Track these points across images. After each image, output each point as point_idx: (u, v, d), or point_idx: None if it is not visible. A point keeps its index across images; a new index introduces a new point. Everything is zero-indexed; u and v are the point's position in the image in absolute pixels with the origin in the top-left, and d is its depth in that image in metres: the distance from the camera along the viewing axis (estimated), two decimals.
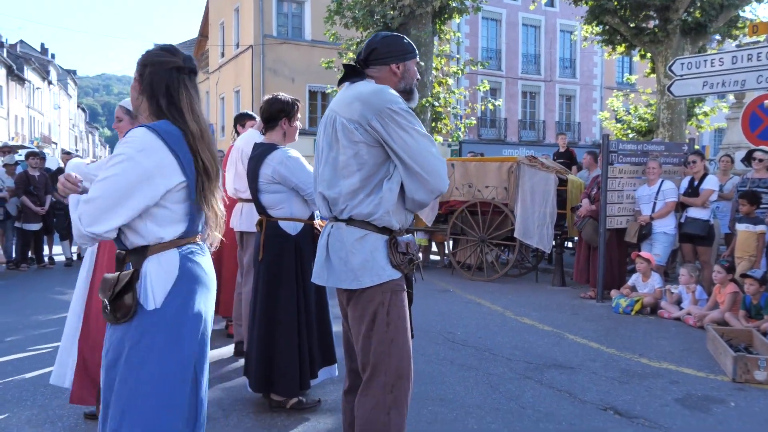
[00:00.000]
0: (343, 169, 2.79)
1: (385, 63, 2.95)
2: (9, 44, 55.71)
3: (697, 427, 4.32)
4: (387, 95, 2.78)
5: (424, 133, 2.78)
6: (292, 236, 4.32)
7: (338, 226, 2.85)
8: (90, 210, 2.25)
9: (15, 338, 6.43)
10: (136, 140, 2.32)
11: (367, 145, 2.76)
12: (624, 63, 36.87)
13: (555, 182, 9.67)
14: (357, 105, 2.77)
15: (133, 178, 2.27)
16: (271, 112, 4.43)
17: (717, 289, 7.39)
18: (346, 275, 2.80)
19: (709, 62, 9.89)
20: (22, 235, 11.47)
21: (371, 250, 2.79)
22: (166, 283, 2.38)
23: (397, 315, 2.84)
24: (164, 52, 2.49)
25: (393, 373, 2.79)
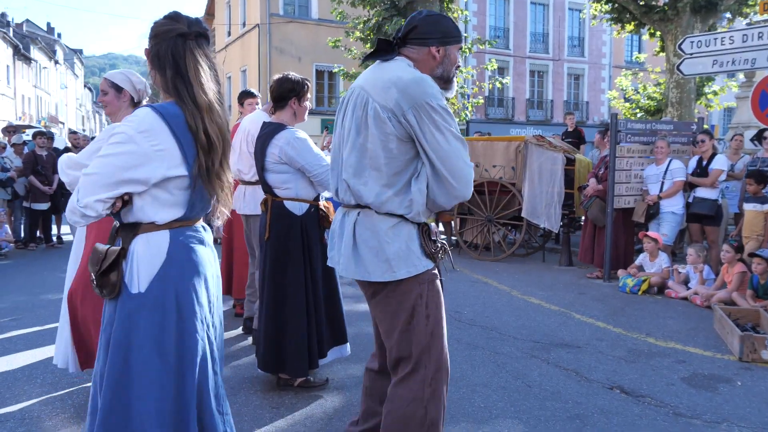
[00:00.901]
0: (371, 159, 2.63)
1: (424, 44, 2.74)
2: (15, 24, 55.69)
3: (703, 406, 4.33)
4: (428, 88, 2.59)
5: (458, 137, 2.62)
6: (298, 216, 4.31)
7: (367, 213, 2.69)
8: (86, 184, 2.20)
9: (25, 317, 6.48)
10: (139, 120, 2.24)
11: (398, 139, 2.60)
12: (633, 41, 36.58)
13: (563, 162, 9.64)
14: (394, 92, 2.57)
15: (129, 159, 2.20)
16: (281, 91, 4.38)
17: (725, 269, 7.37)
18: (377, 267, 2.65)
19: (719, 40, 9.79)
20: (30, 215, 11.52)
21: (406, 240, 2.66)
22: (151, 266, 2.30)
23: (435, 306, 2.74)
24: (167, 20, 2.37)
25: (433, 367, 2.71)
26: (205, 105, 2.32)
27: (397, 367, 2.77)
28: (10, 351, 5.37)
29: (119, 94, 3.93)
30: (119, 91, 3.92)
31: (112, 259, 2.30)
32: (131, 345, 2.27)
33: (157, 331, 2.28)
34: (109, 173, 2.19)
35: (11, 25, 52.61)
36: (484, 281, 8.63)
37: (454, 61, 2.83)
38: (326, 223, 4.36)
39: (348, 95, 2.82)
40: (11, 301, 7.23)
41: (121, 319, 2.29)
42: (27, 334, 5.88)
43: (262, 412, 4.10)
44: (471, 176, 2.65)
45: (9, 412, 4.09)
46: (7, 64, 46.61)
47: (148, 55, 2.36)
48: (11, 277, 8.68)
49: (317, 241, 4.36)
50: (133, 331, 2.27)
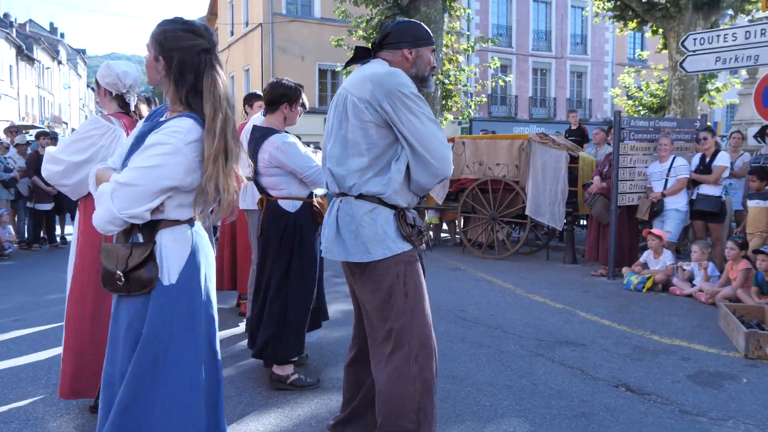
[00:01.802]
0: (353, 147, 2.83)
1: (397, 47, 2.98)
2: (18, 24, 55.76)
3: (709, 403, 4.32)
4: (399, 78, 2.81)
5: (432, 118, 2.83)
6: (291, 213, 4.43)
7: (347, 200, 2.87)
8: (128, 194, 2.24)
9: (29, 317, 6.48)
10: (186, 132, 2.31)
11: (376, 125, 2.80)
12: (636, 39, 36.53)
13: (566, 159, 9.62)
14: (369, 85, 2.79)
15: (176, 171, 2.28)
16: (273, 96, 4.50)
17: (729, 266, 7.36)
18: (356, 248, 2.83)
19: (722, 37, 9.76)
20: (33, 215, 11.53)
21: (382, 224, 2.83)
22: (180, 258, 2.39)
23: (414, 284, 2.87)
24: (189, 34, 2.41)
25: (416, 343, 2.82)
26: (210, 116, 2.35)
27: (381, 347, 2.89)
28: (14, 351, 5.37)
29: (98, 89, 3.95)
30: (98, 86, 3.94)
31: (144, 257, 2.34)
32: (168, 336, 2.34)
33: (190, 321, 2.39)
34: (156, 185, 2.26)
35: (14, 25, 52.66)
36: (489, 279, 8.62)
37: (427, 61, 3.04)
38: (320, 219, 4.44)
39: (334, 98, 3.05)
40: (15, 301, 7.23)
41: (155, 313, 2.34)
42: (31, 335, 5.88)
43: (266, 412, 4.09)
44: (449, 155, 2.86)
45: (13, 412, 4.08)
46: (10, 64, 46.66)
47: (166, 65, 2.39)
48: (15, 278, 8.69)
49: (311, 236, 4.46)
50: (169, 322, 2.35)
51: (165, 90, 2.47)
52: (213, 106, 2.36)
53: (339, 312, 6.51)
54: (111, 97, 3.90)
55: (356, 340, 3.27)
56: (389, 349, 2.85)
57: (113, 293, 2.42)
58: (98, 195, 2.30)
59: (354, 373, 3.27)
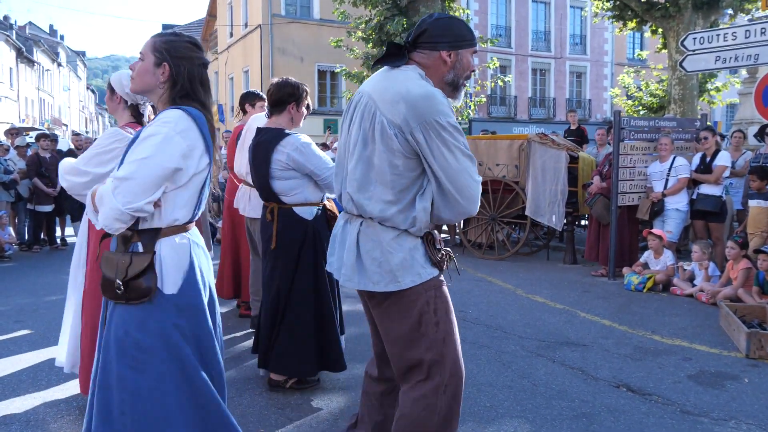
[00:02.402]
0: (377, 175, 2.57)
1: (434, 48, 2.63)
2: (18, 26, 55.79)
3: (710, 403, 4.31)
4: (438, 105, 2.50)
5: (468, 154, 2.55)
6: (309, 221, 4.28)
7: (370, 224, 2.62)
8: (129, 188, 2.26)
9: (29, 319, 6.48)
10: (175, 121, 2.37)
11: (404, 156, 2.52)
12: (635, 39, 36.55)
13: (566, 159, 9.62)
14: (402, 107, 2.49)
15: (171, 158, 2.33)
16: (280, 95, 4.33)
17: (730, 266, 7.35)
18: (381, 277, 2.60)
19: (721, 37, 9.76)
20: (34, 217, 11.52)
21: (410, 249, 2.61)
22: (179, 268, 2.42)
23: (445, 311, 2.70)
24: (193, 47, 2.54)
25: (447, 374, 2.64)
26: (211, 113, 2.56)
27: (409, 376, 2.70)
28: (15, 353, 5.37)
29: (113, 96, 3.93)
30: (113, 93, 3.92)
31: (144, 266, 2.35)
32: (167, 345, 2.37)
33: (190, 330, 2.42)
34: (155, 174, 2.30)
35: (14, 27, 52.67)
36: (489, 280, 8.62)
37: (467, 66, 2.71)
38: (333, 223, 4.30)
39: (355, 101, 2.74)
40: (15, 303, 7.23)
41: (155, 322, 2.37)
42: (31, 336, 5.87)
43: (267, 413, 4.09)
44: (478, 192, 2.59)
45: (14, 414, 4.08)
46: (10, 66, 46.67)
47: (170, 70, 2.48)
48: (15, 279, 8.68)
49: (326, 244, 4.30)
50: (169, 331, 2.37)
51: (155, 96, 2.54)
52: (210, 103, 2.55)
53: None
54: (125, 106, 3.91)
55: (379, 359, 3.03)
56: (420, 378, 2.66)
57: (111, 300, 2.43)
58: (98, 197, 2.31)
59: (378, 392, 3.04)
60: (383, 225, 2.60)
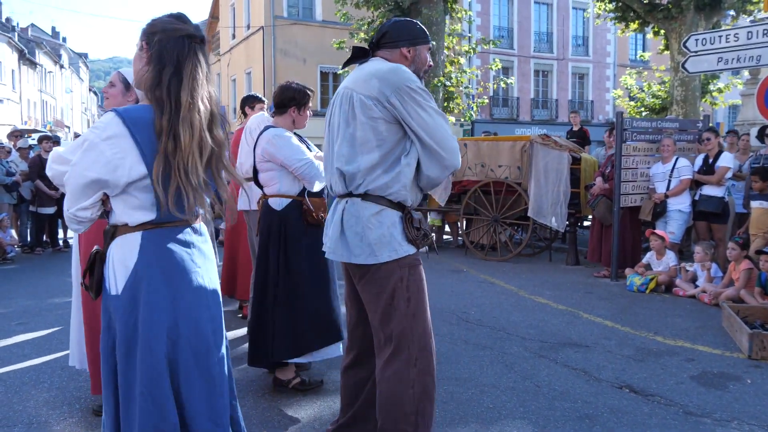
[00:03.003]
0: (362, 145, 2.84)
1: (395, 46, 3.01)
2: (20, 28, 55.86)
3: (713, 404, 4.31)
4: (404, 73, 2.84)
5: (439, 112, 2.86)
6: (277, 211, 4.36)
7: (353, 201, 2.88)
8: (67, 194, 2.27)
9: (32, 321, 6.49)
10: (103, 127, 2.23)
11: (386, 121, 2.81)
12: (637, 40, 36.53)
13: (568, 161, 9.62)
14: (375, 82, 2.81)
15: (95, 167, 2.20)
16: (282, 98, 4.47)
17: (732, 267, 7.34)
18: (362, 250, 2.83)
19: (723, 38, 9.75)
20: (36, 219, 11.55)
21: (388, 226, 2.84)
22: (125, 267, 2.28)
23: (417, 288, 2.89)
24: (174, 19, 2.34)
25: (416, 347, 2.85)
26: (186, 103, 2.25)
27: (382, 348, 2.90)
28: (18, 355, 5.37)
29: (126, 92, 3.87)
30: (128, 89, 3.87)
31: (91, 261, 2.36)
32: (114, 345, 2.32)
33: (130, 333, 2.26)
34: (80, 182, 2.23)
35: (16, 29, 52.74)
36: (491, 281, 8.61)
37: (424, 60, 3.08)
38: (310, 218, 4.30)
39: (334, 97, 3.06)
40: (18, 305, 7.24)
41: (105, 321, 2.36)
42: (34, 339, 5.88)
43: (270, 415, 4.09)
44: (457, 146, 2.88)
45: (17, 416, 4.08)
46: (12, 68, 46.74)
47: (147, 49, 2.30)
48: (18, 282, 8.69)
49: (298, 236, 4.30)
50: (114, 332, 2.31)
51: (139, 81, 2.36)
52: (191, 93, 2.26)
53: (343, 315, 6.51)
54: (135, 103, 3.91)
55: (353, 342, 3.26)
56: (389, 351, 2.87)
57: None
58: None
59: (353, 377, 3.26)
60: (366, 200, 2.85)
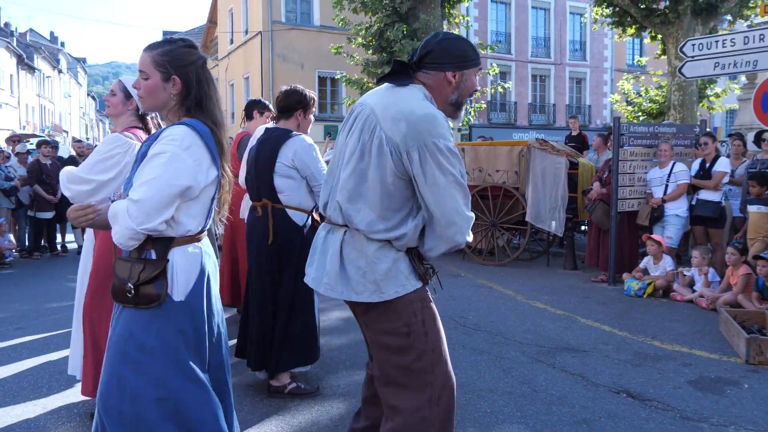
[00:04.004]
0: (369, 189, 2.54)
1: (439, 68, 2.62)
2: (19, 33, 55.86)
3: (710, 409, 4.32)
4: (439, 128, 2.47)
5: (461, 183, 2.51)
6: (300, 227, 4.32)
7: (355, 233, 2.59)
8: (142, 209, 2.30)
9: (30, 325, 6.48)
10: (181, 138, 2.39)
11: (396, 175, 2.50)
12: (634, 45, 36.58)
13: (566, 166, 9.63)
14: (403, 126, 2.47)
15: (182, 176, 2.36)
16: (288, 102, 4.42)
17: (730, 271, 7.36)
18: (365, 287, 2.55)
19: (720, 43, 9.79)
20: (34, 224, 11.53)
21: (394, 260, 2.57)
22: (190, 276, 2.47)
23: (433, 322, 2.65)
24: (191, 49, 2.57)
25: (439, 384, 2.62)
26: (220, 121, 2.58)
27: (395, 386, 2.65)
28: (15, 359, 5.37)
29: (127, 101, 3.90)
30: (128, 98, 3.89)
31: (156, 273, 2.40)
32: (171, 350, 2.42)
33: (193, 338, 2.47)
34: (169, 192, 2.34)
35: (15, 34, 52.76)
36: (489, 286, 8.62)
37: (471, 86, 2.70)
38: None
39: (356, 112, 2.70)
40: (16, 309, 7.23)
41: (160, 328, 2.41)
42: (32, 342, 5.88)
43: (268, 420, 4.09)
44: (465, 223, 2.53)
45: (15, 420, 4.08)
46: (11, 73, 46.74)
47: (182, 81, 2.51)
48: (16, 286, 8.69)
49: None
50: (174, 338, 2.42)
51: (165, 109, 2.57)
52: (219, 109, 2.60)
53: (339, 319, 6.52)
54: (136, 112, 3.92)
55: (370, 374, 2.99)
56: (409, 391, 2.61)
57: (120, 304, 2.48)
58: (112, 213, 2.36)
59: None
60: (368, 237, 2.56)
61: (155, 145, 2.40)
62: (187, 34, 45.58)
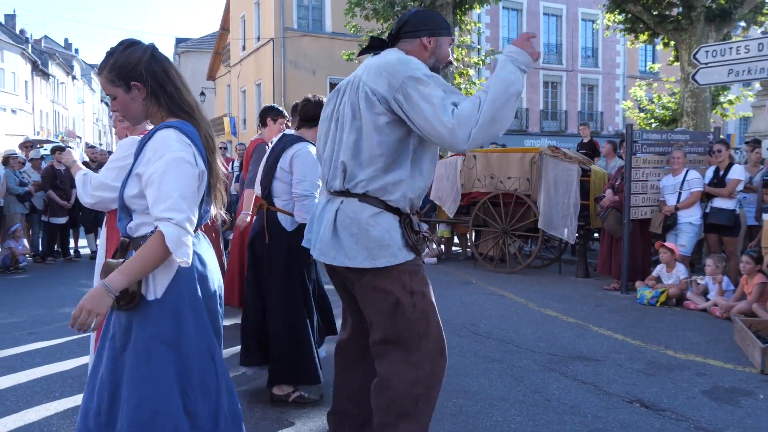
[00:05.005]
0: (367, 140, 2.69)
1: (415, 35, 2.85)
2: (33, 40, 56.38)
3: (725, 419, 4.28)
4: (414, 63, 2.66)
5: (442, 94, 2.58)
6: (289, 232, 4.33)
7: (350, 201, 2.72)
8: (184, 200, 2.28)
9: (43, 330, 6.51)
10: (173, 140, 2.33)
11: (388, 119, 2.66)
12: (647, 51, 36.46)
13: (578, 173, 9.60)
14: (384, 74, 2.66)
15: (193, 177, 2.33)
16: (316, 112, 4.36)
17: (744, 280, 7.30)
18: (358, 253, 2.66)
19: (734, 50, 9.74)
20: (48, 229, 11.61)
21: (387, 229, 2.68)
22: (167, 273, 2.38)
23: (422, 294, 2.75)
24: (132, 47, 2.44)
25: (431, 347, 2.72)
26: (195, 104, 2.49)
27: (385, 349, 2.76)
28: (29, 364, 5.39)
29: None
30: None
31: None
32: (155, 351, 2.35)
33: (174, 335, 2.37)
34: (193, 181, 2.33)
35: (30, 41, 53.27)
36: (500, 293, 8.59)
37: (445, 54, 2.91)
38: None
39: (343, 85, 2.92)
40: (29, 314, 7.27)
41: (142, 326, 2.37)
42: (45, 348, 5.90)
43: (279, 426, 4.09)
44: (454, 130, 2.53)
45: (28, 425, 4.10)
46: (25, 79, 47.16)
47: (142, 84, 2.41)
48: (29, 291, 8.73)
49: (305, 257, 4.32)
50: (153, 337, 2.36)
51: (146, 116, 2.50)
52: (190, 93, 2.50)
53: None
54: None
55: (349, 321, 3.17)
56: (397, 354, 2.73)
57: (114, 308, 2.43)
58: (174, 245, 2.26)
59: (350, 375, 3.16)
60: (363, 202, 2.67)
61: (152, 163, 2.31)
62: (200, 41, 45.86)
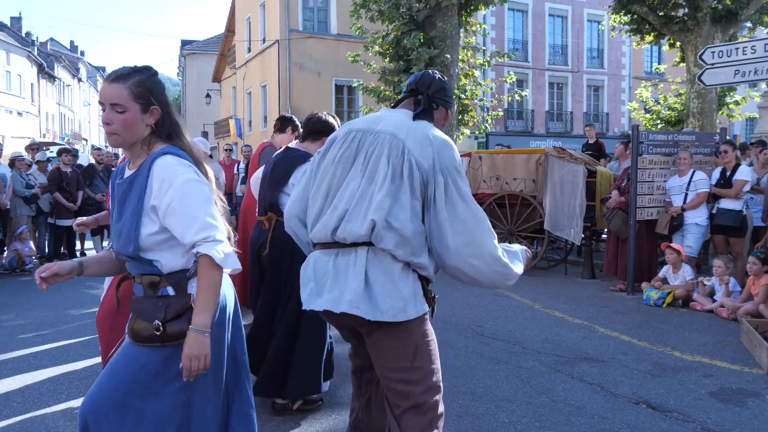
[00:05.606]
0: (401, 210, 2.58)
1: (447, 106, 2.90)
2: (39, 42, 56.55)
3: (731, 421, 4.27)
4: (455, 154, 2.69)
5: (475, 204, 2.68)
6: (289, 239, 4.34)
7: (377, 251, 2.61)
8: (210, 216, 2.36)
9: (50, 332, 6.53)
10: (178, 165, 2.37)
11: (419, 206, 2.63)
12: (653, 52, 36.37)
13: (584, 174, 9.59)
14: (430, 151, 2.61)
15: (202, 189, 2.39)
16: (321, 127, 4.45)
17: (751, 281, 7.28)
18: (390, 306, 2.58)
19: (740, 50, 9.72)
20: (54, 231, 11.64)
21: (414, 282, 2.66)
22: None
23: (435, 346, 2.76)
24: (157, 76, 2.48)
25: (437, 409, 2.70)
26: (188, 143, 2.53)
27: (401, 402, 2.68)
28: (36, 366, 5.41)
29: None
30: None
31: (184, 307, 2.37)
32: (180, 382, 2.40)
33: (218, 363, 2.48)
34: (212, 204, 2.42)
35: (36, 44, 53.45)
36: (506, 294, 8.58)
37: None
38: None
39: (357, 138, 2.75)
40: (36, 316, 7.29)
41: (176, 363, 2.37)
42: (52, 350, 5.92)
43: (285, 428, 4.09)
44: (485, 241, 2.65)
45: (34, 427, 4.11)
46: (31, 82, 47.32)
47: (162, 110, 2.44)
48: (36, 293, 8.75)
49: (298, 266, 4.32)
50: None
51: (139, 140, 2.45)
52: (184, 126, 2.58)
53: None
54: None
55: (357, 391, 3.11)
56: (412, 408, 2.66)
57: (144, 343, 2.39)
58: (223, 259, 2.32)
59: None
60: (393, 257, 2.60)
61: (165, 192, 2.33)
62: (205, 43, 45.95)
